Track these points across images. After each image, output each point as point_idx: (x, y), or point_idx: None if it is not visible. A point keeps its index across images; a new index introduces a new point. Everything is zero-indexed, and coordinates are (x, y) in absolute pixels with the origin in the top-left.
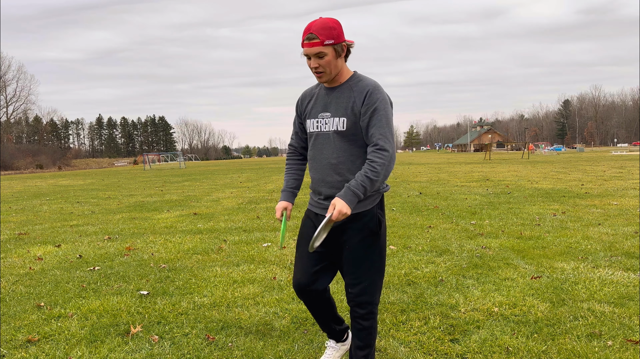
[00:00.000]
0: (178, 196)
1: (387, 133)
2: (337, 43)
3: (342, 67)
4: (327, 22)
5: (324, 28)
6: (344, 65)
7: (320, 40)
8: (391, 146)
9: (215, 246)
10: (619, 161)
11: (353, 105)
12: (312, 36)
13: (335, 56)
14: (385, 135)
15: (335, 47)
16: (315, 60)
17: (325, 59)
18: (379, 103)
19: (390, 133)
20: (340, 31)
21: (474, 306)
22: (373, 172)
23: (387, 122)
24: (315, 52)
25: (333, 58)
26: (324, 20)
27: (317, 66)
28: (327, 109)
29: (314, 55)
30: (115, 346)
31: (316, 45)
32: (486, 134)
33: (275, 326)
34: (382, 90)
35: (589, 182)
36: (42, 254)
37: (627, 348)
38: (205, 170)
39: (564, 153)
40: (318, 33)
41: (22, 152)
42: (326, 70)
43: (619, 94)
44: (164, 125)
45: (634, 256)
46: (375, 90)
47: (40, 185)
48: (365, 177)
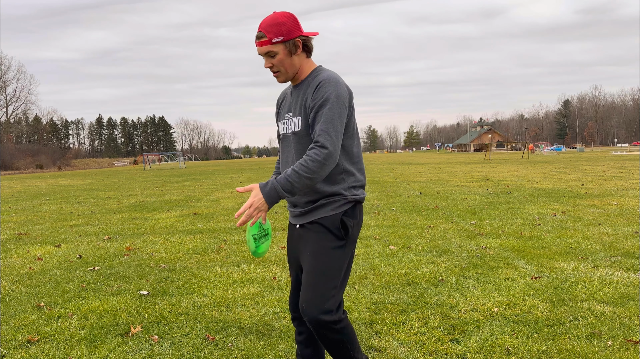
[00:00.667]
0: (178, 196)
1: (329, 129)
2: (287, 40)
3: (301, 64)
4: (277, 17)
5: (272, 24)
6: (304, 61)
7: (268, 39)
8: (332, 143)
9: (215, 246)
10: (619, 161)
11: (306, 101)
12: (260, 34)
13: (288, 54)
14: (326, 131)
15: (286, 44)
16: (268, 59)
17: (277, 57)
18: (326, 96)
19: (333, 129)
20: (291, 26)
21: (474, 306)
22: (303, 168)
23: (331, 118)
24: (265, 52)
25: (285, 56)
26: (274, 16)
27: (270, 65)
28: (291, 109)
29: (265, 54)
30: (115, 346)
31: (265, 44)
32: (486, 134)
33: (275, 326)
34: (334, 82)
35: (589, 182)
36: (42, 254)
37: (627, 348)
38: (205, 170)
39: (564, 153)
40: (266, 31)
41: (22, 152)
42: (281, 70)
43: (619, 94)
44: (163, 125)
45: (634, 256)
46: (326, 83)
47: (40, 185)
48: (293, 171)
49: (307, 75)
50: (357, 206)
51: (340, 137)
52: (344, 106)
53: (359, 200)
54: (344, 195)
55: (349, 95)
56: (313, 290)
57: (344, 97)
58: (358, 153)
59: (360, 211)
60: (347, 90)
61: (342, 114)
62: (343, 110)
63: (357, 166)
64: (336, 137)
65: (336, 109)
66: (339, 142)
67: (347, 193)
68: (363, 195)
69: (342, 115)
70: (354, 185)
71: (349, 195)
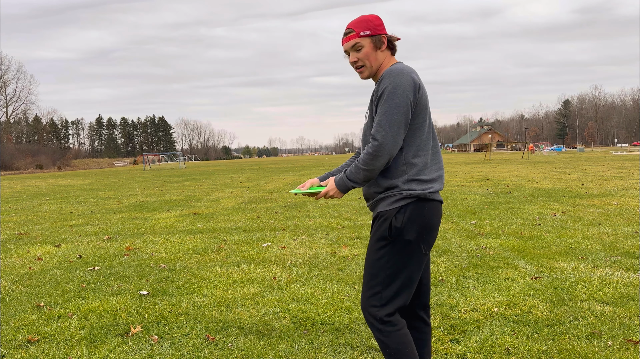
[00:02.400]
0: (178, 196)
1: (382, 120)
2: (374, 34)
3: (384, 60)
4: (365, 16)
5: (361, 21)
6: (388, 58)
7: (356, 32)
8: (382, 135)
9: (215, 246)
10: (619, 161)
11: (372, 96)
12: (348, 31)
13: (374, 48)
14: (379, 123)
15: (372, 38)
16: (354, 54)
17: (362, 51)
18: (384, 88)
19: (387, 120)
20: (378, 24)
21: (474, 306)
22: (360, 160)
23: (387, 109)
24: (352, 45)
25: (371, 50)
26: (362, 16)
27: (355, 60)
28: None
29: (351, 48)
30: (115, 346)
31: (352, 37)
32: (486, 134)
33: (275, 326)
34: (395, 73)
35: (589, 182)
36: (42, 254)
37: (627, 348)
38: (205, 170)
39: (564, 153)
40: (354, 27)
41: (22, 152)
42: (366, 64)
43: (619, 94)
44: (163, 125)
45: (634, 256)
46: (387, 76)
47: (40, 185)
48: (355, 163)
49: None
50: (419, 203)
51: (394, 128)
52: (403, 96)
53: (418, 196)
54: (400, 188)
55: (412, 85)
56: (364, 282)
57: (404, 87)
58: (427, 146)
59: (426, 210)
60: (409, 80)
61: (399, 104)
62: (402, 100)
63: (425, 159)
64: (389, 128)
65: (392, 100)
66: (392, 132)
67: (405, 187)
68: (427, 190)
69: (400, 105)
70: (415, 178)
71: (406, 189)
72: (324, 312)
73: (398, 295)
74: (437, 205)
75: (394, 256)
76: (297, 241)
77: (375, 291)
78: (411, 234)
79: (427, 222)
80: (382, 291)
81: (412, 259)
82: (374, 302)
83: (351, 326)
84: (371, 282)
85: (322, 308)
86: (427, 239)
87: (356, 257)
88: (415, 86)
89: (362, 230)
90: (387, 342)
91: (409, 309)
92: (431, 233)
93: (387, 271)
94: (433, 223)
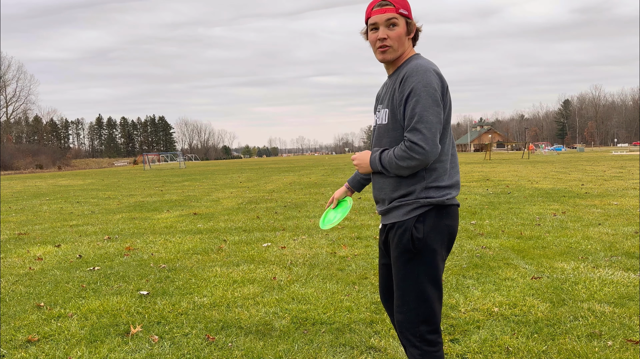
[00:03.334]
0: (178, 196)
1: (419, 124)
2: (410, 18)
3: (407, 49)
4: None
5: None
6: (410, 49)
7: (394, 7)
8: (422, 139)
9: (215, 246)
10: (619, 161)
11: (394, 94)
12: (385, 2)
13: (406, 31)
14: (417, 127)
15: (408, 20)
16: (384, 30)
17: (395, 30)
18: (413, 87)
19: (425, 125)
20: (411, 10)
21: (474, 306)
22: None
23: (420, 111)
24: (388, 18)
25: (404, 32)
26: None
27: (384, 37)
28: (383, 100)
29: (385, 22)
30: (115, 346)
31: (390, 11)
32: (486, 134)
33: (275, 326)
34: (422, 71)
35: (589, 182)
36: (42, 254)
37: (627, 348)
38: (205, 170)
39: (564, 153)
40: (393, 0)
41: (22, 152)
42: (393, 45)
43: (619, 94)
44: (163, 125)
45: (634, 256)
46: (413, 73)
47: (40, 185)
48: (392, 153)
49: (403, 62)
50: (438, 210)
51: (434, 129)
52: (435, 95)
53: (437, 203)
54: (416, 196)
55: (440, 84)
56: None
57: (434, 85)
58: (448, 150)
59: (446, 217)
60: (437, 79)
61: (432, 104)
62: (434, 100)
63: (445, 164)
64: (428, 131)
65: (425, 100)
66: (432, 136)
67: (422, 194)
68: (445, 197)
69: (434, 105)
70: (432, 185)
71: (423, 196)
72: (324, 312)
73: (436, 307)
74: (454, 209)
75: (423, 270)
76: (297, 241)
77: (412, 307)
78: (436, 243)
79: (447, 229)
80: (418, 307)
81: (440, 268)
82: (414, 319)
83: (351, 326)
84: (406, 298)
85: (322, 308)
86: (448, 245)
87: (356, 257)
88: (443, 86)
89: (362, 230)
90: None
91: None
92: (452, 239)
93: (420, 287)
94: (453, 229)
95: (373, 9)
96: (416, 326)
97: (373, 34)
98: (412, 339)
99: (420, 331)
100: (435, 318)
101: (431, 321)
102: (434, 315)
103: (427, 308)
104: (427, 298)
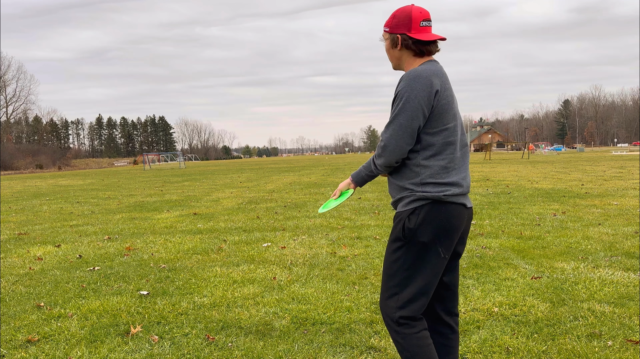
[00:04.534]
0: (178, 196)
1: (389, 123)
2: (391, 32)
3: (406, 60)
4: (396, 10)
5: (391, 15)
6: (409, 59)
7: (384, 26)
8: (387, 137)
9: (215, 246)
10: (619, 161)
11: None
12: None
13: (391, 45)
14: (387, 125)
15: (391, 35)
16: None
17: (385, 45)
18: (398, 90)
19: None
20: (400, 22)
21: (474, 306)
22: (375, 155)
23: (396, 113)
24: (381, 37)
25: (389, 47)
26: (397, 9)
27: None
28: None
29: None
30: (115, 346)
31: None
32: (486, 134)
33: (275, 326)
34: (412, 77)
35: (589, 182)
36: (42, 254)
37: (627, 348)
38: (205, 170)
39: (564, 153)
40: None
41: (22, 152)
42: (388, 57)
43: (619, 94)
44: (163, 125)
45: (634, 256)
46: (404, 79)
47: (40, 185)
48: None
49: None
50: (435, 205)
51: (399, 131)
52: (414, 101)
53: (433, 198)
54: (413, 190)
55: (428, 90)
56: (382, 282)
57: (417, 92)
58: (447, 150)
59: (443, 213)
60: (425, 85)
61: (407, 109)
62: (412, 105)
63: (442, 162)
64: (394, 131)
65: (403, 103)
66: (396, 136)
67: (418, 189)
68: (443, 193)
69: (408, 110)
70: (429, 181)
71: (419, 190)
72: (324, 312)
73: (415, 298)
74: (456, 207)
75: (409, 258)
76: (297, 241)
77: (392, 293)
78: (425, 236)
79: (443, 224)
80: (399, 292)
81: (428, 262)
82: (391, 303)
83: (351, 326)
84: (388, 283)
85: (322, 308)
86: (445, 242)
87: (356, 257)
88: (431, 91)
89: (362, 230)
90: (403, 344)
91: (432, 312)
92: (449, 236)
93: (403, 273)
94: (451, 226)
95: None
96: (394, 312)
97: None
98: (391, 323)
99: (397, 317)
100: (415, 306)
101: (410, 308)
102: (413, 303)
103: (406, 295)
104: (408, 284)
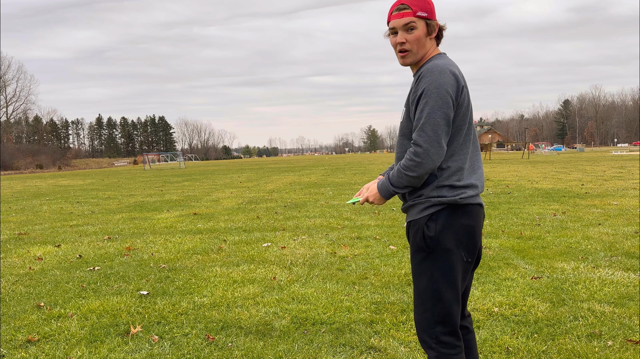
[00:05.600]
0: (178, 196)
1: (425, 125)
2: (430, 18)
3: (429, 50)
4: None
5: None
6: (433, 48)
7: (412, 11)
8: (426, 140)
9: (215, 246)
10: (619, 161)
11: (410, 92)
12: (403, 6)
13: (426, 33)
14: (422, 127)
15: (427, 22)
16: (403, 34)
17: (414, 33)
18: (425, 88)
19: (430, 124)
20: (433, 8)
21: (474, 306)
22: (403, 166)
23: (429, 112)
24: (405, 23)
25: (423, 34)
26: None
27: (403, 41)
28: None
29: (402, 27)
30: (115, 346)
31: (407, 15)
32: (486, 134)
33: (275, 326)
34: (437, 72)
35: (589, 182)
36: (42, 254)
37: (627, 348)
38: (205, 170)
39: (564, 153)
40: (410, 3)
41: (22, 152)
42: (412, 49)
43: (619, 94)
44: (163, 125)
45: (634, 256)
46: (427, 73)
47: (40, 185)
48: (397, 168)
49: (424, 63)
50: (452, 209)
51: (438, 132)
52: (445, 97)
53: (449, 202)
54: (428, 195)
55: (455, 85)
56: (414, 298)
57: (446, 87)
58: (464, 149)
59: (461, 216)
60: (452, 80)
61: (442, 106)
62: (444, 102)
63: (460, 164)
64: (433, 132)
65: (434, 101)
66: (436, 137)
67: (434, 193)
68: (458, 196)
69: (442, 107)
70: (445, 184)
71: (434, 195)
72: (324, 312)
73: (451, 308)
74: (473, 208)
75: (437, 268)
76: (297, 241)
77: (426, 307)
78: (449, 242)
79: (464, 227)
80: (434, 306)
81: (456, 269)
82: (428, 318)
83: (351, 326)
84: (421, 297)
85: (322, 308)
86: (468, 245)
87: (356, 257)
88: (458, 86)
89: (362, 230)
90: None
91: None
92: (471, 238)
93: (435, 285)
94: (471, 228)
95: (392, 13)
96: (432, 327)
97: (393, 38)
98: (429, 340)
99: (436, 333)
100: (452, 320)
101: (447, 322)
102: (451, 316)
103: (442, 309)
104: (441, 298)
